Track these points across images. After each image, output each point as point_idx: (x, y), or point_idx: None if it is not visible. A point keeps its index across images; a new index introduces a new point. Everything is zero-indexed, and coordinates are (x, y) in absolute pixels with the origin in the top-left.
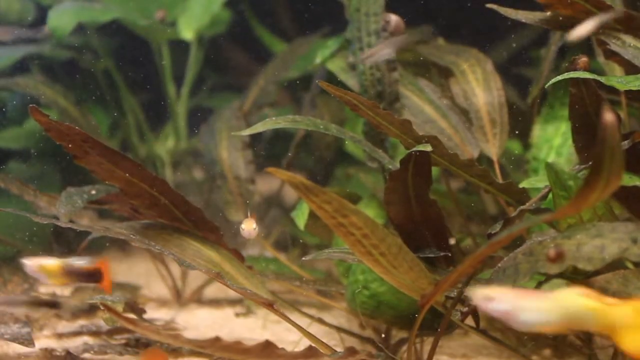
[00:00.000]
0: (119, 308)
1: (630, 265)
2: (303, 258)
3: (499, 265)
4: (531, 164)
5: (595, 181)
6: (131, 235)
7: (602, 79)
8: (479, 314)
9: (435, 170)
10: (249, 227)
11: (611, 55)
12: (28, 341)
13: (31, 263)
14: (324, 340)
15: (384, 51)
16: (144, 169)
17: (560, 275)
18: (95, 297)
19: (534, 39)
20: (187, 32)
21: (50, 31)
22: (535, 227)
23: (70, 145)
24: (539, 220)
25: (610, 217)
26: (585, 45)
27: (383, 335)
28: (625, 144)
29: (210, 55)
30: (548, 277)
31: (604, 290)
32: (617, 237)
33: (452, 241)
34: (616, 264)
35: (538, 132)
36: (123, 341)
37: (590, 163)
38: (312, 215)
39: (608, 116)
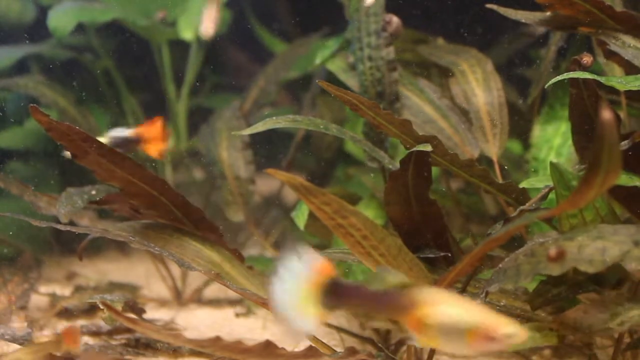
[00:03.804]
0: (119, 307)
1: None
2: None
3: (500, 265)
4: (531, 164)
5: (593, 177)
6: (130, 237)
7: (602, 79)
8: None
9: (435, 170)
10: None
11: (611, 55)
12: (28, 341)
13: None
14: (324, 340)
15: None
16: (144, 169)
17: (562, 276)
18: (95, 297)
19: (534, 39)
20: (187, 32)
21: None
22: (537, 228)
23: (70, 145)
24: (536, 217)
25: (613, 218)
26: (586, 45)
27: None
28: (625, 143)
29: (210, 55)
30: (547, 284)
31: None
32: (618, 240)
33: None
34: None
35: (538, 132)
36: (123, 341)
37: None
38: (312, 216)
39: (606, 113)
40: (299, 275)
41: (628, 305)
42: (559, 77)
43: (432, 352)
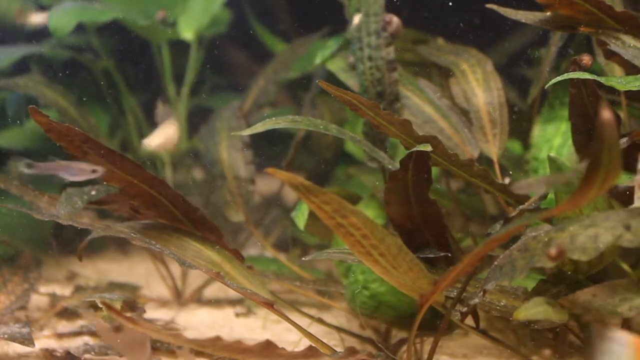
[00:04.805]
0: (118, 306)
1: (626, 267)
2: (303, 258)
3: (495, 263)
4: (531, 164)
5: (594, 177)
6: (132, 234)
7: (602, 79)
8: (479, 314)
9: (435, 170)
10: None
11: (611, 55)
12: (28, 341)
13: None
14: (324, 340)
15: None
16: (143, 169)
17: (561, 275)
18: (94, 296)
19: (534, 39)
20: (187, 32)
21: None
22: (533, 224)
23: (70, 146)
24: (536, 217)
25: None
26: (585, 45)
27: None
28: (624, 142)
29: (210, 55)
30: (547, 282)
31: (589, 303)
32: (610, 225)
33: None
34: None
35: (538, 132)
36: None
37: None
38: (312, 216)
39: (606, 113)
40: (620, 356)
41: (639, 292)
42: (559, 78)
43: (432, 351)
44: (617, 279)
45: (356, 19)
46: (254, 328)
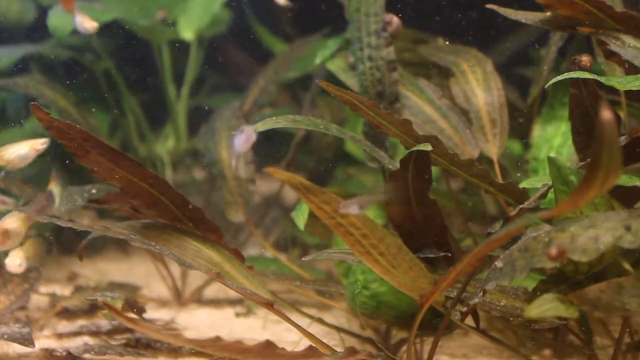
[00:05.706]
0: (119, 305)
1: (627, 266)
2: (303, 258)
3: (495, 263)
4: (531, 164)
5: (594, 177)
6: (131, 235)
7: (602, 79)
8: (479, 314)
9: (435, 170)
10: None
11: (611, 55)
12: (28, 341)
13: None
14: (324, 340)
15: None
16: (144, 168)
17: (562, 275)
18: (95, 295)
19: (534, 39)
20: (187, 32)
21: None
22: (533, 224)
23: (70, 144)
24: (537, 217)
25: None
26: (585, 45)
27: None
28: (622, 139)
29: (210, 55)
30: (547, 283)
31: (598, 299)
32: (610, 226)
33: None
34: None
35: (538, 132)
36: (123, 341)
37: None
38: (312, 215)
39: (606, 113)
40: None
41: None
42: (559, 77)
43: (432, 351)
44: (620, 278)
45: None
46: (254, 328)
